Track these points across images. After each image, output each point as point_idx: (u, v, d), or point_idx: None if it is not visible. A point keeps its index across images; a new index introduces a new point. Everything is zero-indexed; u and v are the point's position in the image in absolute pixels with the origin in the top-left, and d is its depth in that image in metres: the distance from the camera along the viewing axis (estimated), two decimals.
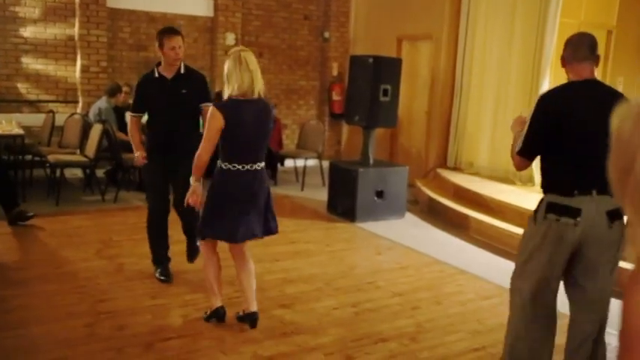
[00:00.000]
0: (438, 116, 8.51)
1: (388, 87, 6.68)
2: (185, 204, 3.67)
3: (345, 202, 6.73)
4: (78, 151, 7.44)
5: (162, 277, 4.49)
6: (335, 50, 10.72)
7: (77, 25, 8.61)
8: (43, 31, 8.53)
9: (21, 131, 6.87)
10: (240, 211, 3.54)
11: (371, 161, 6.85)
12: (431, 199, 7.25)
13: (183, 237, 4.67)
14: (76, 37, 8.68)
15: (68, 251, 5.19)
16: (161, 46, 4.33)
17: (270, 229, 3.73)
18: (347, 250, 5.70)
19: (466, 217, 6.43)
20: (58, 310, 3.93)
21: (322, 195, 7.44)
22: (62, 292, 4.25)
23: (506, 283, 4.80)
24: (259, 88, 3.51)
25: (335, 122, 10.75)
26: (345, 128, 10.67)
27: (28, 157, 7.37)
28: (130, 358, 3.32)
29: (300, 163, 8.65)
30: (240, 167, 3.52)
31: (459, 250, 5.79)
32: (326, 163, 8.52)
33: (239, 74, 3.44)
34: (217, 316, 3.79)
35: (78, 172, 8.14)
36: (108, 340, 3.52)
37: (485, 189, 6.87)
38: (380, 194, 6.70)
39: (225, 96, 3.52)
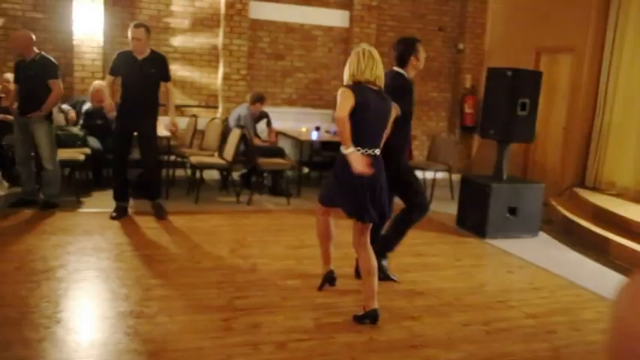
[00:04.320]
0: (577, 132, 8.10)
1: (526, 101, 6.46)
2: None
3: (475, 217, 6.58)
4: (216, 153, 7.85)
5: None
6: (469, 62, 10.53)
7: (221, 34, 9.11)
8: (190, 40, 9.10)
9: (168, 133, 7.35)
10: (357, 191, 3.78)
11: (504, 176, 6.66)
12: (566, 219, 6.91)
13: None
14: (220, 47, 9.18)
15: (206, 248, 5.48)
16: (417, 53, 4.47)
17: (384, 213, 3.95)
18: (476, 267, 5.57)
19: (606, 240, 6.06)
20: (198, 303, 4.16)
21: (451, 209, 7.32)
22: (201, 286, 4.50)
23: None
24: (381, 78, 3.85)
25: (466, 135, 10.54)
26: (476, 141, 10.44)
27: (172, 157, 7.88)
28: (264, 356, 3.44)
29: (429, 175, 8.56)
30: (363, 151, 3.77)
31: (597, 274, 5.47)
32: (455, 177, 8.39)
33: (365, 63, 3.77)
34: (326, 279, 4.37)
35: (214, 174, 8.58)
36: (243, 336, 3.68)
37: (629, 211, 6.44)
38: (513, 211, 6.49)
39: (347, 81, 3.83)
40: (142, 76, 6.15)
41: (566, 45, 8.35)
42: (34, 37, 6.36)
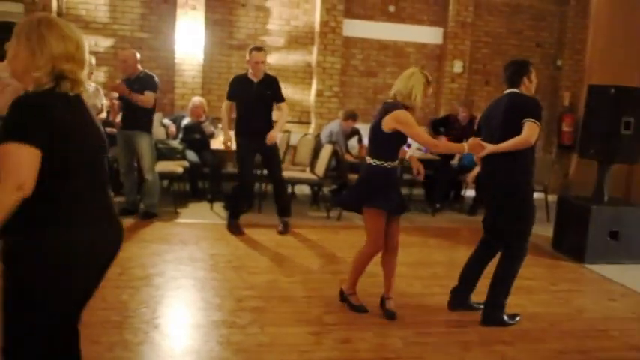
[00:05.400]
0: None
1: (631, 119, 6.14)
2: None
3: (573, 240, 6.31)
4: (308, 169, 7.97)
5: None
6: (567, 79, 10.18)
7: (315, 52, 9.27)
8: (285, 57, 9.33)
9: None
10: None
11: (605, 198, 6.35)
12: None
13: None
14: (313, 64, 9.35)
15: (296, 262, 5.56)
16: (530, 74, 4.34)
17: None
18: (574, 292, 5.33)
19: None
20: (288, 316, 4.22)
21: (546, 231, 7.05)
22: (291, 299, 4.56)
23: None
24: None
25: (563, 154, 10.16)
26: (574, 161, 10.02)
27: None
28: None
29: None
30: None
31: None
32: (551, 197, 8.10)
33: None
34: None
35: (306, 189, 8.69)
36: (332, 351, 3.70)
37: None
38: (614, 235, 6.17)
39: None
40: (259, 98, 6.33)
41: None
42: (138, 55, 6.73)
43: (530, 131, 4.08)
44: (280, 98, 6.52)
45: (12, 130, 1.99)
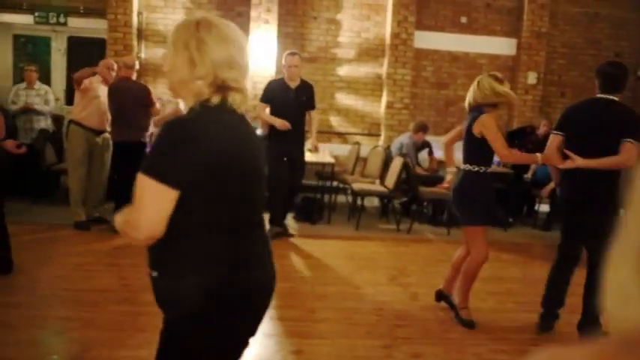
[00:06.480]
0: None
1: None
2: None
3: None
4: (378, 181, 7.95)
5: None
6: None
7: (386, 64, 9.27)
8: (356, 69, 9.37)
9: (332, 160, 7.59)
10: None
11: None
12: None
13: None
14: (384, 76, 9.34)
15: (365, 274, 5.55)
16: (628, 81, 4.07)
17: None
18: None
19: None
20: (358, 328, 4.21)
21: None
22: (362, 311, 4.55)
23: None
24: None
25: None
26: None
27: (335, 183, 8.10)
28: None
29: None
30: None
31: None
32: None
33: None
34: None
35: (375, 201, 8.68)
36: None
37: None
38: None
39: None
40: (296, 103, 6.39)
41: None
42: None
43: (628, 153, 3.71)
44: (313, 105, 6.63)
45: (154, 161, 1.67)
